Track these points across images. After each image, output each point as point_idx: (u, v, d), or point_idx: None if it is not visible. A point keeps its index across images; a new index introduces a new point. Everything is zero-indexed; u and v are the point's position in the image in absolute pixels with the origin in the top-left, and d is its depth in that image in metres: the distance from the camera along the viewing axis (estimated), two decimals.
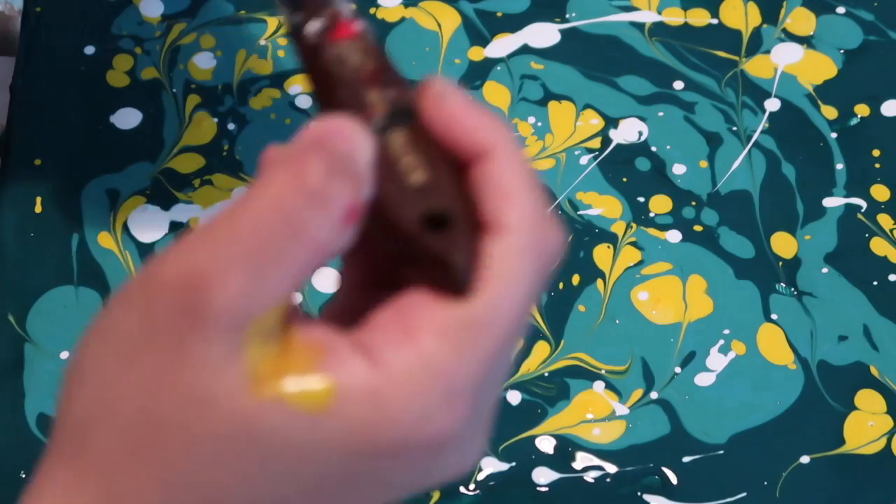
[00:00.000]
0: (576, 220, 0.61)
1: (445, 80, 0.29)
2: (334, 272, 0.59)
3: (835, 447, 0.55)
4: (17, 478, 0.54)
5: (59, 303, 0.58)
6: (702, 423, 0.56)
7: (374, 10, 0.67)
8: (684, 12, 0.67)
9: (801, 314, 0.58)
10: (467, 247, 0.27)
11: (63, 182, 0.61)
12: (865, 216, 0.61)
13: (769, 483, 0.55)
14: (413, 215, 0.27)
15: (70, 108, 0.63)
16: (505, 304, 0.27)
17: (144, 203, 0.61)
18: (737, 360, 0.57)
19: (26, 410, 0.55)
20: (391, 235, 0.27)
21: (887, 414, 0.56)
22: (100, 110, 0.63)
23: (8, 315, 0.57)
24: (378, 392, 0.26)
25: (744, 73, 0.65)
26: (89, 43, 0.65)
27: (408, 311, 0.27)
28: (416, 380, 0.26)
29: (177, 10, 0.67)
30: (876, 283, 0.59)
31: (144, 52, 0.65)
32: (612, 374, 0.57)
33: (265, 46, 0.65)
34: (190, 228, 0.60)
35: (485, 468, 0.54)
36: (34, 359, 0.56)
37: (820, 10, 0.67)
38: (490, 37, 0.66)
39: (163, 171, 0.62)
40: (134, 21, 0.66)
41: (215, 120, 0.63)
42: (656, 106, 0.64)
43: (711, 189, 0.62)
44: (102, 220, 0.60)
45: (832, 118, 0.64)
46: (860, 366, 0.57)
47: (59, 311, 0.58)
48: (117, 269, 0.59)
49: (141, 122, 0.63)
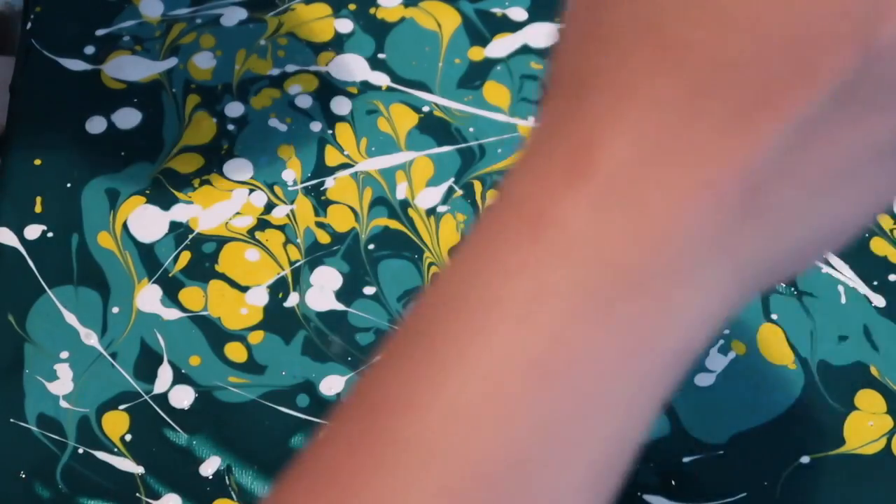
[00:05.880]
0: None
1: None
2: (334, 272, 0.59)
3: (835, 447, 0.55)
4: (17, 478, 0.54)
5: (59, 303, 0.58)
6: (702, 423, 0.56)
7: (373, 9, 0.67)
8: None
9: (801, 314, 0.58)
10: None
11: (63, 182, 0.61)
12: None
13: (769, 483, 0.55)
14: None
15: (70, 108, 0.63)
16: None
17: (144, 203, 0.61)
18: (737, 360, 0.57)
19: (26, 410, 0.55)
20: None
21: (887, 414, 0.56)
22: (100, 110, 0.63)
23: (8, 315, 0.57)
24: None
25: None
26: (89, 43, 0.65)
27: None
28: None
29: (177, 9, 0.67)
30: (876, 283, 0.60)
31: (144, 52, 0.65)
32: None
33: (265, 46, 0.65)
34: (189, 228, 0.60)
35: None
36: (34, 359, 0.56)
37: None
38: (490, 37, 0.66)
39: (163, 171, 0.62)
40: (134, 21, 0.66)
41: (215, 120, 0.63)
42: None
43: None
44: (102, 220, 0.60)
45: None
46: (860, 366, 0.57)
47: (59, 311, 0.58)
48: (117, 269, 0.59)
49: (141, 122, 0.63)
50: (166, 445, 0.54)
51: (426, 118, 0.63)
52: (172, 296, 0.58)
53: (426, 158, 0.62)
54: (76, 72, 0.65)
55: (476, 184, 0.61)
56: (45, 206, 0.60)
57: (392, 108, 0.64)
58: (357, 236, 0.60)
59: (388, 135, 0.63)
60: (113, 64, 0.65)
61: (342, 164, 0.62)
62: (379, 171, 0.62)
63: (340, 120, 0.63)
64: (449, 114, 0.64)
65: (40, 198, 0.61)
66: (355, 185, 0.61)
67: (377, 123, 0.63)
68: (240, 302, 0.58)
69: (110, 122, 0.63)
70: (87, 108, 0.63)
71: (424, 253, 0.59)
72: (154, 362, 0.56)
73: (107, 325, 0.57)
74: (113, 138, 0.63)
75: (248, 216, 0.60)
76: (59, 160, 0.62)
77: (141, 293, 0.58)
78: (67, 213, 0.60)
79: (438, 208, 0.61)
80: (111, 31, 0.66)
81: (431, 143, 0.63)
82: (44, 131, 0.63)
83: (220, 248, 0.59)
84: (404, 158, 0.62)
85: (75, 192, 0.61)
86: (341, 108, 0.64)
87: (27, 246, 0.59)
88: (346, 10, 0.67)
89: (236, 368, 0.56)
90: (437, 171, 0.62)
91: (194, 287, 0.58)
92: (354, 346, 0.57)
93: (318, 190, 0.61)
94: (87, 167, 0.62)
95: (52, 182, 0.61)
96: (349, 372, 0.56)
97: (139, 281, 0.58)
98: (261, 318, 0.58)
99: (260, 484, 0.54)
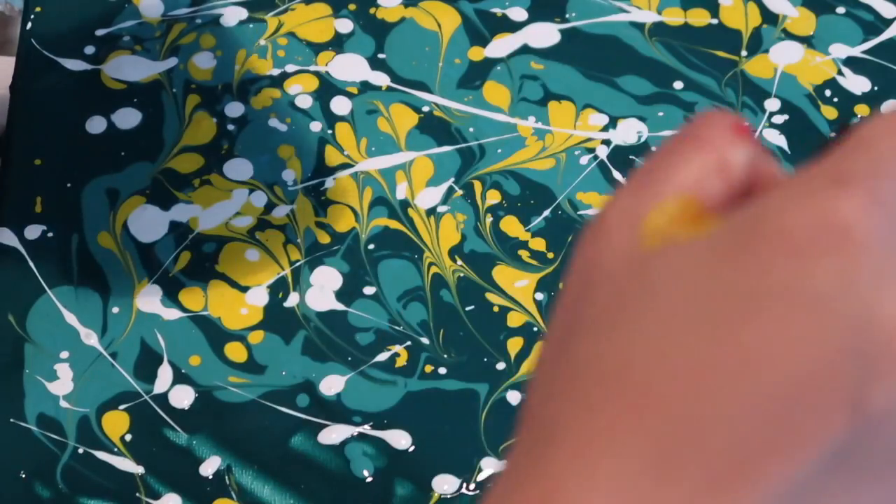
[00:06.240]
0: (576, 220, 0.60)
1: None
2: (334, 272, 0.59)
3: None
4: (18, 478, 0.54)
5: (59, 303, 0.58)
6: None
7: (374, 9, 0.67)
8: (684, 12, 0.67)
9: None
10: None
11: (63, 182, 0.61)
12: None
13: None
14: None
15: (70, 109, 0.63)
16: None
17: (144, 203, 0.61)
18: None
19: (26, 410, 0.55)
20: None
21: None
22: (100, 110, 0.63)
23: (8, 315, 0.57)
24: (758, 199, 0.23)
25: (744, 73, 0.65)
26: (89, 43, 0.65)
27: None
28: (806, 176, 0.23)
29: (177, 9, 0.67)
30: None
31: (144, 52, 0.65)
32: None
33: (265, 46, 0.65)
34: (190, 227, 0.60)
35: (484, 468, 0.54)
36: (34, 359, 0.56)
37: (820, 10, 0.67)
38: (490, 37, 0.66)
39: (163, 171, 0.62)
40: (134, 21, 0.66)
41: (215, 120, 0.63)
42: (656, 106, 0.64)
43: None
44: (102, 220, 0.60)
45: (832, 118, 0.64)
46: None
47: (59, 311, 0.58)
48: (117, 269, 0.59)
49: (141, 122, 0.63)
50: (166, 445, 0.54)
51: (426, 118, 0.63)
52: (172, 296, 0.58)
53: (426, 158, 0.62)
54: (76, 72, 0.65)
55: (476, 184, 0.61)
56: (45, 206, 0.60)
57: (392, 108, 0.64)
58: (357, 236, 0.60)
59: (388, 135, 0.63)
60: (113, 64, 0.65)
61: (342, 164, 0.62)
62: (379, 171, 0.62)
63: (340, 120, 0.63)
64: (449, 114, 0.64)
65: (40, 198, 0.61)
66: (355, 185, 0.61)
67: (377, 123, 0.63)
68: (240, 302, 0.58)
69: (110, 122, 0.63)
70: (87, 108, 0.63)
71: (424, 253, 0.59)
72: (154, 362, 0.56)
73: (107, 325, 0.57)
74: (113, 138, 0.63)
75: (248, 216, 0.60)
76: (59, 160, 0.62)
77: (141, 293, 0.58)
78: (67, 213, 0.60)
79: (438, 208, 0.61)
80: (111, 31, 0.66)
81: (431, 142, 0.63)
82: (44, 131, 0.63)
83: (220, 248, 0.59)
84: (404, 158, 0.62)
85: (75, 192, 0.61)
86: (341, 108, 0.64)
87: (27, 246, 0.59)
88: (346, 10, 0.67)
89: (236, 368, 0.56)
90: (437, 170, 0.62)
91: (194, 287, 0.58)
92: (354, 345, 0.57)
93: (318, 190, 0.61)
94: (87, 167, 0.62)
95: (52, 182, 0.61)
96: (350, 372, 0.56)
97: (139, 281, 0.58)
98: (261, 318, 0.58)
99: (260, 484, 0.54)
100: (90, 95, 0.64)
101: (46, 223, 0.60)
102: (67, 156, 0.62)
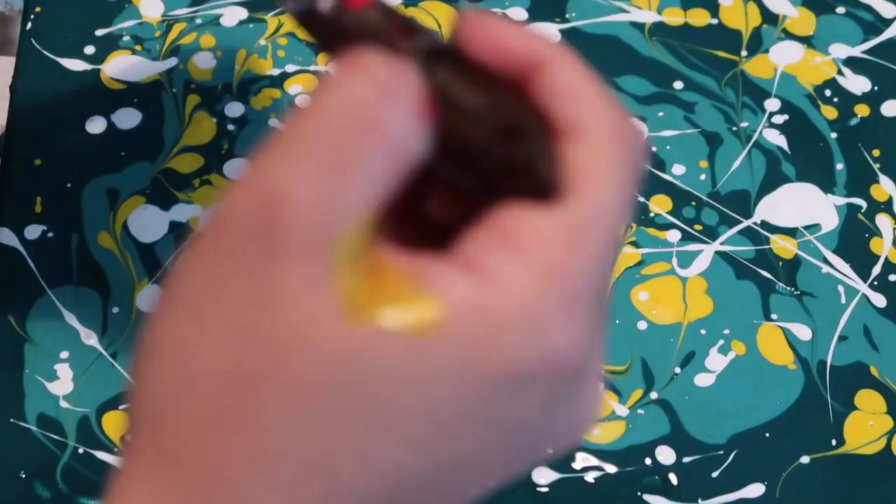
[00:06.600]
0: None
1: (479, 8, 0.27)
2: None
3: (835, 447, 0.55)
4: (17, 478, 0.54)
5: (59, 303, 0.58)
6: (702, 423, 0.56)
7: None
8: (684, 12, 0.67)
9: (801, 314, 0.58)
10: (548, 152, 0.25)
11: (63, 182, 0.61)
12: (865, 216, 0.61)
13: (769, 483, 0.55)
14: (484, 132, 0.25)
15: (70, 109, 0.63)
16: (606, 199, 0.25)
17: (144, 203, 0.61)
18: (737, 360, 0.57)
19: (26, 410, 0.55)
20: (463, 165, 0.26)
21: (887, 414, 0.56)
22: (100, 110, 0.63)
23: (8, 315, 0.57)
24: (489, 307, 0.23)
25: (744, 73, 0.65)
26: (89, 43, 0.65)
27: (504, 223, 0.24)
28: (529, 288, 0.23)
29: (177, 9, 0.67)
30: (876, 283, 0.60)
31: (144, 52, 0.65)
32: (612, 375, 0.57)
33: (265, 46, 0.65)
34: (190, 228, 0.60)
35: None
36: (34, 359, 0.56)
37: (820, 10, 0.67)
38: None
39: (163, 171, 0.62)
40: (134, 21, 0.66)
41: (215, 120, 0.63)
42: (656, 106, 0.64)
43: (711, 189, 0.62)
44: (102, 220, 0.60)
45: (832, 118, 0.64)
46: (860, 366, 0.57)
47: (59, 311, 0.58)
48: (117, 269, 0.59)
49: (141, 122, 0.63)
50: None
51: None
52: None
53: None
54: (76, 72, 0.65)
55: None
56: (45, 206, 0.60)
57: None
58: None
59: None
60: (113, 64, 0.65)
61: None
62: None
63: None
64: None
65: (40, 198, 0.61)
66: None
67: None
68: None
69: (110, 122, 0.63)
70: (87, 108, 0.63)
71: None
72: None
73: (107, 325, 0.57)
74: (113, 138, 0.63)
75: None
76: (59, 160, 0.62)
77: (141, 293, 0.58)
78: (67, 213, 0.60)
79: None
80: (111, 31, 0.66)
81: None
82: (44, 131, 0.63)
83: None
84: None
85: (75, 192, 0.61)
86: None
87: (27, 246, 0.59)
88: None
89: None
90: None
91: None
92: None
93: None
94: (87, 167, 0.62)
95: (52, 182, 0.61)
96: None
97: (139, 281, 0.58)
98: None
99: None
100: (90, 95, 0.64)
101: (46, 223, 0.60)
102: (67, 156, 0.62)
